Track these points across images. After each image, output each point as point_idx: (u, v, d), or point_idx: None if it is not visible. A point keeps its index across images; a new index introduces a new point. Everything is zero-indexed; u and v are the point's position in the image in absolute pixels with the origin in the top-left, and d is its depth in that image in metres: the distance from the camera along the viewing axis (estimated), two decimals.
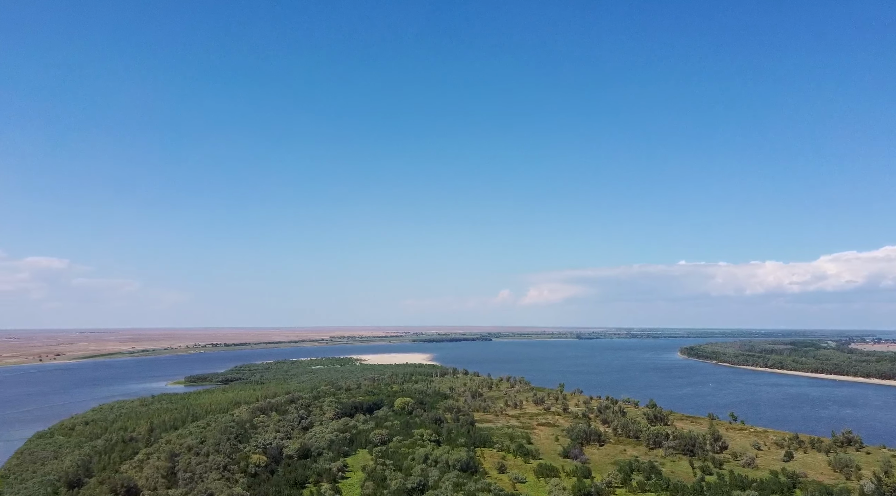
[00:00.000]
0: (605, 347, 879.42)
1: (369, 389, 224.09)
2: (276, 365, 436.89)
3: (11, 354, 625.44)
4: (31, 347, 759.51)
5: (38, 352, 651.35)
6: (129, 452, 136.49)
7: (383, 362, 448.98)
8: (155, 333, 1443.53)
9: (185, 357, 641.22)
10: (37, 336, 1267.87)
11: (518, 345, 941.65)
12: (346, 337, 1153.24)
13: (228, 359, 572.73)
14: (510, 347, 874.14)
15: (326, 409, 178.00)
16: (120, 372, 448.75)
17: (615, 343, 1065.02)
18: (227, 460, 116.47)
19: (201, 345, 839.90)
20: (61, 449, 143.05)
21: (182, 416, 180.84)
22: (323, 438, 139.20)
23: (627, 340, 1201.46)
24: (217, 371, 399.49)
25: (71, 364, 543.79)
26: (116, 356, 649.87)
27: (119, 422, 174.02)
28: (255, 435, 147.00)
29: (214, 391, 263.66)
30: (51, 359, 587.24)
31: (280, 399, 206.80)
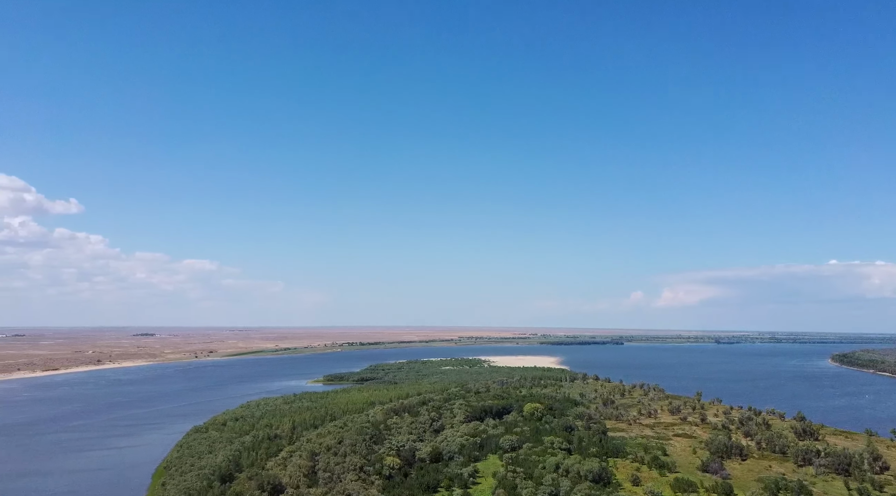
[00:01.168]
0: (745, 353, 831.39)
1: (498, 393, 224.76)
2: (408, 365, 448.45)
3: (172, 351, 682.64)
4: (189, 345, 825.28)
5: (194, 350, 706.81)
6: (274, 449, 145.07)
7: (511, 364, 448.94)
8: (296, 332, 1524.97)
9: (323, 355, 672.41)
10: (193, 333, 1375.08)
11: (651, 350, 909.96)
12: (475, 337, 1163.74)
13: (363, 358, 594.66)
14: (643, 352, 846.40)
15: (457, 412, 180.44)
16: (265, 369, 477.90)
17: (757, 348, 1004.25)
18: (363, 461, 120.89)
19: (338, 344, 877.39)
20: (215, 444, 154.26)
21: (321, 415, 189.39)
22: (454, 442, 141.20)
23: (771, 345, 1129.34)
24: (353, 370, 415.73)
25: (222, 361, 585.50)
26: (262, 354, 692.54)
27: (265, 420, 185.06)
28: (388, 436, 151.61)
29: (350, 390, 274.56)
30: (205, 355, 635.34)
31: (412, 400, 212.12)
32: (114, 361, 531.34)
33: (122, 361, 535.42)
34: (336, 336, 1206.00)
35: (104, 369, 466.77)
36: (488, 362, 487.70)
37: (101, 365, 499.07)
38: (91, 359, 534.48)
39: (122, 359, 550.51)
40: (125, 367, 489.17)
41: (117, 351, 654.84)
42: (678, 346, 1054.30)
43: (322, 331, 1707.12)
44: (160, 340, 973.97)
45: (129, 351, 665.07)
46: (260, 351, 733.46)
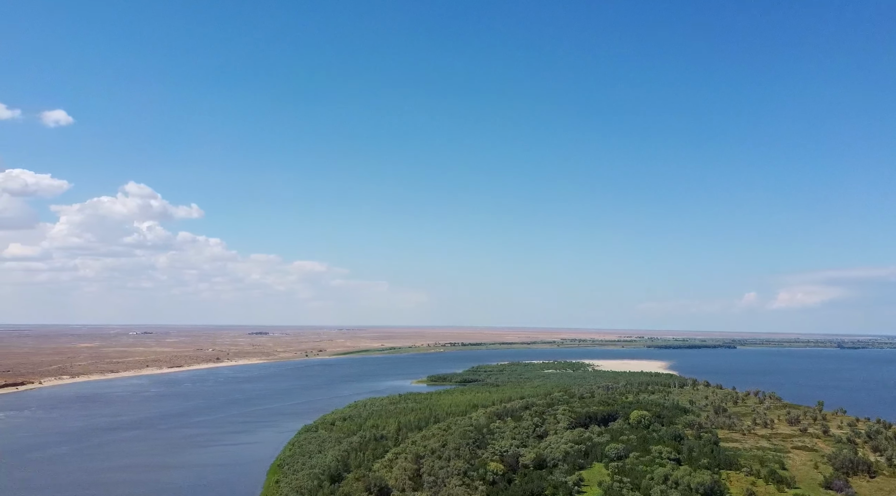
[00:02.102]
0: (873, 359, 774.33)
1: (603, 399, 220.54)
2: (510, 367, 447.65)
3: (284, 350, 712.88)
4: (300, 343, 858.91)
5: (304, 348, 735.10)
6: (381, 451, 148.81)
7: (616, 368, 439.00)
8: (400, 331, 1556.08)
9: (427, 355, 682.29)
10: (303, 332, 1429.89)
11: (767, 355, 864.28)
12: (577, 340, 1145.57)
13: (465, 358, 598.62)
14: (757, 356, 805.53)
15: (560, 418, 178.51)
16: (371, 368, 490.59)
17: (885, 354, 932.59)
18: (467, 466, 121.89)
19: (441, 345, 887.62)
20: (324, 443, 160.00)
21: (425, 417, 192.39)
22: (558, 449, 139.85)
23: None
24: (455, 371, 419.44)
25: (330, 360, 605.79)
26: (368, 353, 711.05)
27: (371, 420, 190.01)
28: (492, 441, 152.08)
29: (454, 392, 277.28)
30: (314, 354, 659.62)
31: (515, 404, 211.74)
32: (231, 359, 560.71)
33: (238, 359, 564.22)
34: (438, 336, 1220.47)
35: (222, 367, 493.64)
36: (592, 366, 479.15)
37: (220, 362, 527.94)
38: (211, 357, 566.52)
39: (238, 357, 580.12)
40: (241, 365, 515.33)
41: (234, 349, 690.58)
42: (796, 351, 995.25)
43: (425, 330, 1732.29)
44: (273, 339, 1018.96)
45: (245, 349, 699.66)
46: (366, 350, 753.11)
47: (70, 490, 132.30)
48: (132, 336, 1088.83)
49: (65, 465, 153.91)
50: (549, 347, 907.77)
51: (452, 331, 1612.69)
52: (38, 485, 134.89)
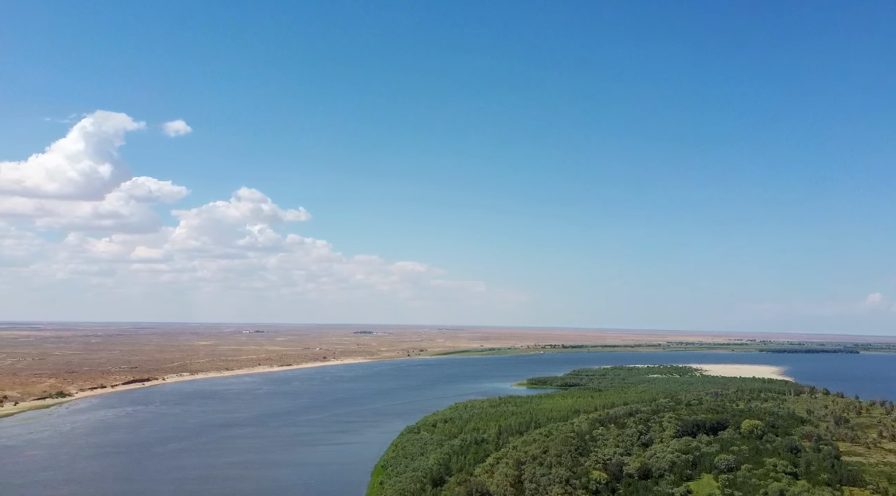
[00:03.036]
0: None
1: (712, 406, 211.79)
2: (613, 371, 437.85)
3: (387, 349, 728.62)
4: (401, 343, 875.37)
5: (406, 348, 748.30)
6: (482, 455, 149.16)
7: (726, 374, 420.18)
8: (499, 332, 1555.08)
9: (526, 357, 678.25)
10: (405, 331, 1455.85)
11: (894, 361, 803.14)
12: (684, 343, 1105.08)
13: (566, 361, 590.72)
14: (884, 362, 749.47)
15: (666, 426, 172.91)
16: (471, 370, 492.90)
17: None
18: (569, 474, 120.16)
19: (541, 346, 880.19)
20: (426, 445, 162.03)
21: (526, 422, 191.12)
22: (664, 458, 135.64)
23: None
24: (556, 374, 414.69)
25: (430, 360, 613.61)
26: (467, 354, 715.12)
27: (472, 423, 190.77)
28: (594, 448, 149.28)
29: (555, 396, 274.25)
30: (416, 354, 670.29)
31: (618, 410, 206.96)
32: (337, 358, 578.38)
33: (344, 358, 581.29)
34: (538, 337, 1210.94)
35: (329, 366, 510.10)
36: (700, 371, 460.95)
37: (326, 361, 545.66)
38: (318, 356, 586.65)
39: (343, 357, 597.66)
40: (346, 364, 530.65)
41: (340, 348, 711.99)
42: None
43: (524, 331, 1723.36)
44: (377, 338, 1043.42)
45: (350, 348, 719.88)
46: (465, 351, 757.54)
47: (190, 484, 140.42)
48: (245, 334, 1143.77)
49: (185, 460, 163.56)
50: (653, 351, 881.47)
51: (553, 333, 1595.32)
52: (163, 479, 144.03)
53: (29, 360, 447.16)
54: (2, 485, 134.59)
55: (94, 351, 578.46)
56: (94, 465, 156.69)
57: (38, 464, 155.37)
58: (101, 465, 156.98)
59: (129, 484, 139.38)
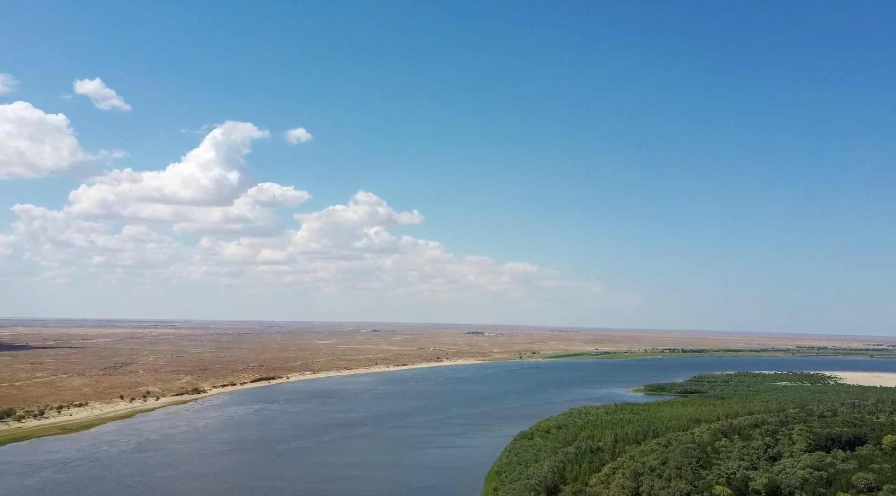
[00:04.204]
0: None
1: (848, 418, 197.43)
2: (736, 377, 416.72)
3: (499, 350, 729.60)
4: (513, 344, 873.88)
5: (518, 350, 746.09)
6: (597, 464, 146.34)
7: (864, 382, 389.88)
8: (615, 334, 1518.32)
9: (643, 362, 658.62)
10: (517, 332, 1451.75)
11: None
12: (816, 347, 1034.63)
13: (685, 366, 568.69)
14: None
15: (796, 439, 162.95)
16: (585, 374, 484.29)
17: None
18: (690, 488, 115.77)
19: (658, 350, 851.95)
20: (540, 452, 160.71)
21: (643, 430, 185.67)
22: (794, 475, 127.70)
23: None
24: (675, 380, 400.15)
25: (543, 362, 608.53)
26: (581, 357, 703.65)
27: (587, 430, 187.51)
28: (717, 461, 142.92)
29: (674, 403, 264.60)
30: (528, 356, 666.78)
31: (742, 420, 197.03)
32: (450, 359, 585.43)
33: (457, 359, 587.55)
34: (655, 340, 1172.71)
35: (442, 366, 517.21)
36: (834, 378, 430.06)
37: (440, 362, 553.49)
38: (431, 357, 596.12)
39: (457, 357, 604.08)
40: (459, 365, 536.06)
41: (453, 349, 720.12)
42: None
43: (640, 334, 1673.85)
44: (489, 339, 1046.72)
45: (463, 349, 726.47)
46: (579, 354, 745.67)
47: (313, 483, 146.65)
48: (363, 333, 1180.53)
49: (307, 458, 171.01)
50: (781, 356, 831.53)
51: (671, 336, 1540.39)
52: (288, 476, 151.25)
53: (168, 358, 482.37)
54: (147, 477, 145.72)
55: (225, 349, 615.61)
56: (225, 461, 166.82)
57: (176, 458, 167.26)
58: (231, 461, 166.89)
59: (257, 480, 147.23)
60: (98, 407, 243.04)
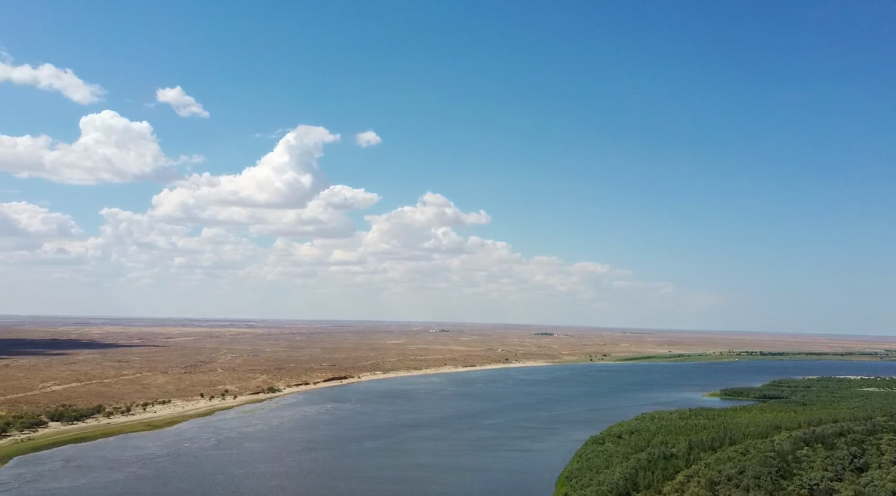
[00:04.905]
0: None
1: None
2: (819, 382, 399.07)
3: (568, 352, 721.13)
4: (583, 346, 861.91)
5: (588, 351, 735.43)
6: (671, 471, 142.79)
7: None
8: (688, 336, 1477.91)
9: (718, 365, 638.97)
10: (587, 333, 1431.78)
11: None
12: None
13: (763, 370, 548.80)
14: None
15: (886, 449, 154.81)
16: (657, 377, 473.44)
17: None
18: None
19: (735, 353, 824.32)
20: (611, 457, 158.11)
21: (720, 437, 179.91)
22: (883, 488, 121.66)
23: None
24: (753, 384, 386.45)
25: (614, 365, 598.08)
26: (653, 359, 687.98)
27: (660, 436, 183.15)
28: (798, 471, 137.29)
29: (752, 409, 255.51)
30: (598, 358, 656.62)
31: (826, 428, 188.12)
32: (518, 360, 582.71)
33: (525, 361, 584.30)
34: (731, 342, 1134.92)
35: (510, 368, 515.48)
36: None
37: (508, 364, 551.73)
38: (500, 358, 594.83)
39: (525, 359, 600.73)
40: (528, 367, 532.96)
41: (521, 350, 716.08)
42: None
43: (715, 336, 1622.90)
44: (557, 340, 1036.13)
45: (532, 350, 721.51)
46: (651, 356, 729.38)
47: (383, 484, 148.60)
48: (432, 333, 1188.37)
49: (378, 459, 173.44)
50: (868, 360, 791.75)
51: (748, 338, 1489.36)
52: (359, 477, 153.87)
53: (245, 357, 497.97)
54: (225, 475, 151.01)
55: (299, 348, 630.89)
56: (299, 460, 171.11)
57: (253, 456, 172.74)
58: (305, 460, 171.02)
59: (330, 480, 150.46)
60: (180, 404, 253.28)
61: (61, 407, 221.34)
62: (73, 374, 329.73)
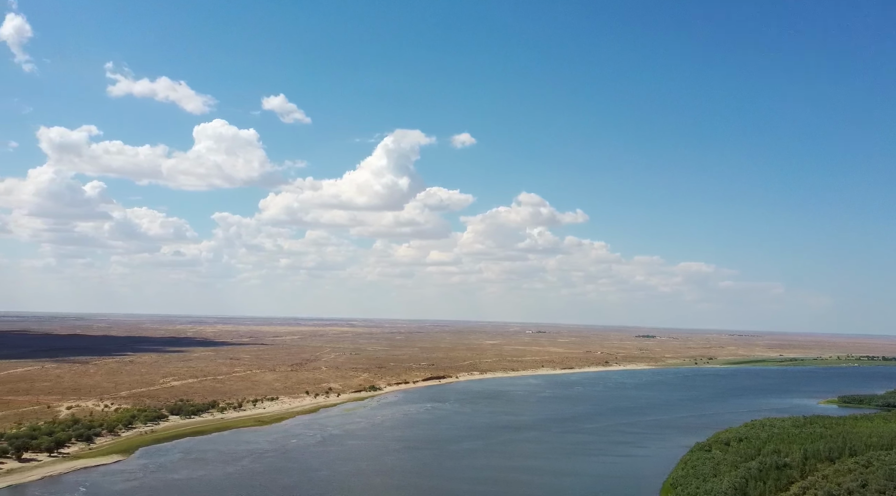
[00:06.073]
0: None
1: None
2: None
3: (671, 355, 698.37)
4: (687, 349, 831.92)
5: (692, 355, 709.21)
6: (784, 482, 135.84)
7: None
8: (800, 339, 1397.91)
9: (835, 370, 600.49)
10: (691, 336, 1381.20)
11: None
12: None
13: (887, 376, 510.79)
14: None
15: None
16: (768, 382, 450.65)
17: None
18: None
19: (854, 358, 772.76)
20: (719, 465, 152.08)
21: (838, 447, 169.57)
22: None
23: None
24: (875, 392, 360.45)
25: (721, 369, 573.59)
26: (764, 364, 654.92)
27: (771, 444, 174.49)
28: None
29: (874, 418, 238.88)
30: (704, 362, 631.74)
31: None
32: (619, 363, 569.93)
33: (626, 364, 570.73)
34: (849, 346, 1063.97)
35: (610, 371, 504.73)
36: None
37: (608, 366, 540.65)
38: (599, 360, 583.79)
39: (626, 362, 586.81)
40: (628, 370, 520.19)
41: (622, 352, 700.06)
42: None
43: (829, 339, 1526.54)
44: (660, 343, 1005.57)
45: (632, 353, 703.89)
46: (761, 360, 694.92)
47: (483, 485, 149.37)
48: (528, 334, 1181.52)
49: (476, 460, 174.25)
50: None
51: (866, 341, 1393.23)
52: (459, 477, 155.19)
53: (347, 355, 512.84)
54: (330, 471, 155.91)
55: (398, 347, 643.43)
56: (399, 459, 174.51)
57: (356, 454, 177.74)
58: (405, 459, 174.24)
59: (431, 479, 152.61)
60: (287, 401, 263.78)
61: (179, 401, 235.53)
62: (189, 371, 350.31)
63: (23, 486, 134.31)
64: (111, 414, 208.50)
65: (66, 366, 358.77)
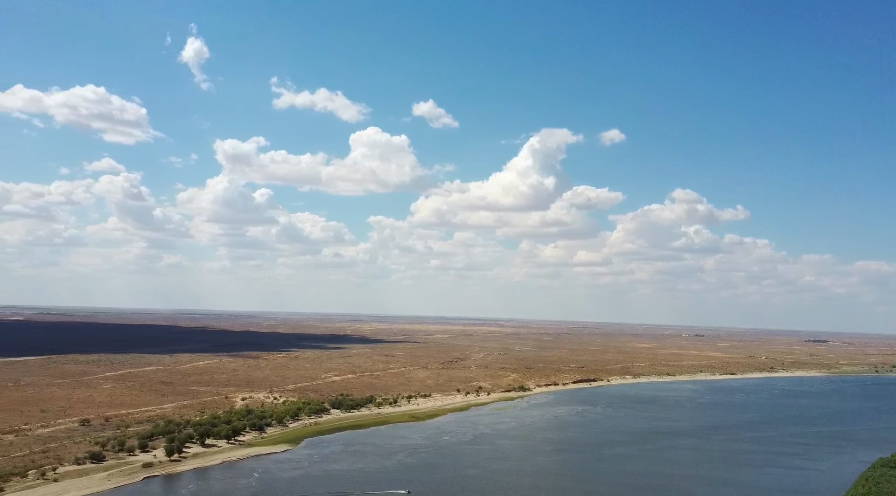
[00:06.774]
0: None
1: None
2: None
3: (847, 362, 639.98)
4: (866, 356, 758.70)
5: (872, 362, 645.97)
6: None
7: None
8: None
9: None
10: (871, 341, 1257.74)
11: None
12: None
13: None
14: None
15: None
16: None
17: None
18: None
19: None
20: None
21: None
22: None
23: None
24: None
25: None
26: None
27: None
28: None
29: None
30: (886, 370, 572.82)
31: None
32: (786, 369, 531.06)
33: (794, 370, 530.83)
34: None
35: (776, 378, 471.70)
36: None
37: (774, 372, 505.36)
38: (764, 366, 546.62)
39: (794, 368, 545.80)
40: (797, 377, 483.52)
41: (789, 358, 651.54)
42: None
43: None
44: (833, 348, 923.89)
45: (801, 359, 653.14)
46: None
47: (636, 492, 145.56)
48: (685, 337, 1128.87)
49: (630, 465, 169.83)
50: None
51: None
52: (612, 482, 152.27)
53: (496, 355, 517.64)
54: (482, 469, 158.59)
55: (546, 348, 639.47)
56: (551, 460, 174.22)
57: (506, 453, 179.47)
58: (556, 461, 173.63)
59: (582, 483, 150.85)
60: (439, 399, 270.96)
61: (340, 396, 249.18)
62: (348, 366, 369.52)
63: (206, 470, 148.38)
64: (280, 406, 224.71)
65: (241, 360, 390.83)
